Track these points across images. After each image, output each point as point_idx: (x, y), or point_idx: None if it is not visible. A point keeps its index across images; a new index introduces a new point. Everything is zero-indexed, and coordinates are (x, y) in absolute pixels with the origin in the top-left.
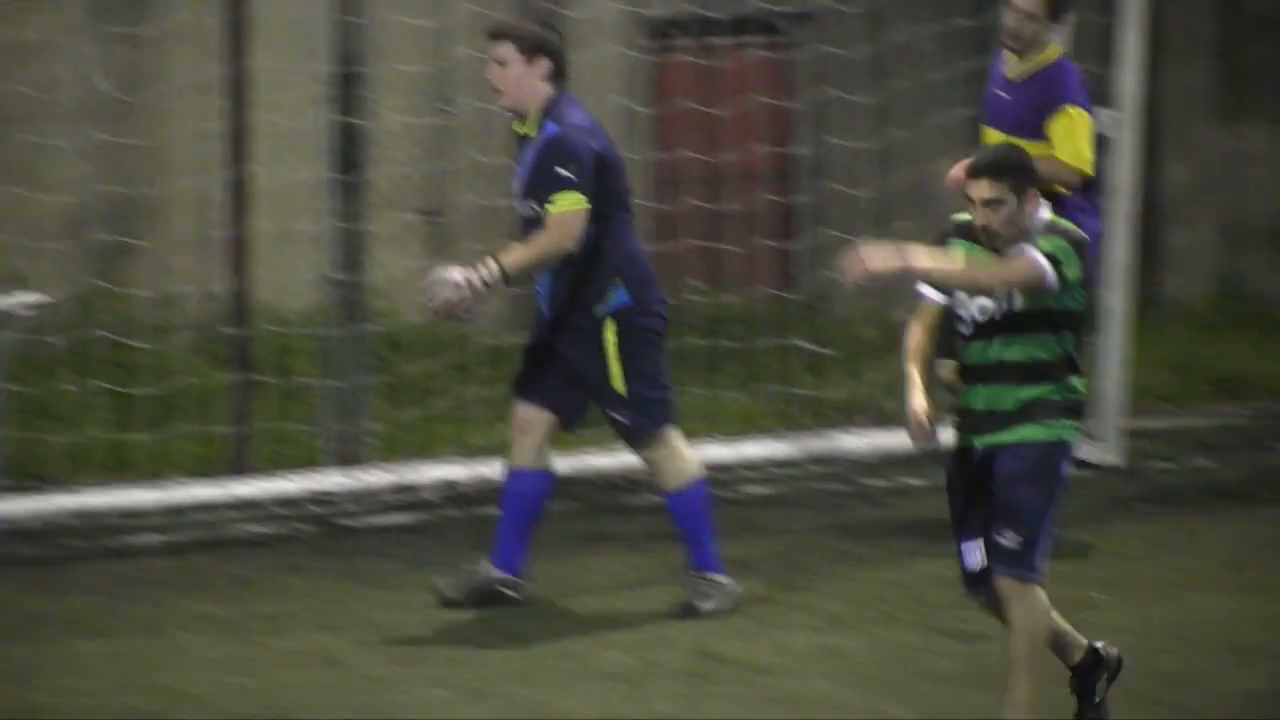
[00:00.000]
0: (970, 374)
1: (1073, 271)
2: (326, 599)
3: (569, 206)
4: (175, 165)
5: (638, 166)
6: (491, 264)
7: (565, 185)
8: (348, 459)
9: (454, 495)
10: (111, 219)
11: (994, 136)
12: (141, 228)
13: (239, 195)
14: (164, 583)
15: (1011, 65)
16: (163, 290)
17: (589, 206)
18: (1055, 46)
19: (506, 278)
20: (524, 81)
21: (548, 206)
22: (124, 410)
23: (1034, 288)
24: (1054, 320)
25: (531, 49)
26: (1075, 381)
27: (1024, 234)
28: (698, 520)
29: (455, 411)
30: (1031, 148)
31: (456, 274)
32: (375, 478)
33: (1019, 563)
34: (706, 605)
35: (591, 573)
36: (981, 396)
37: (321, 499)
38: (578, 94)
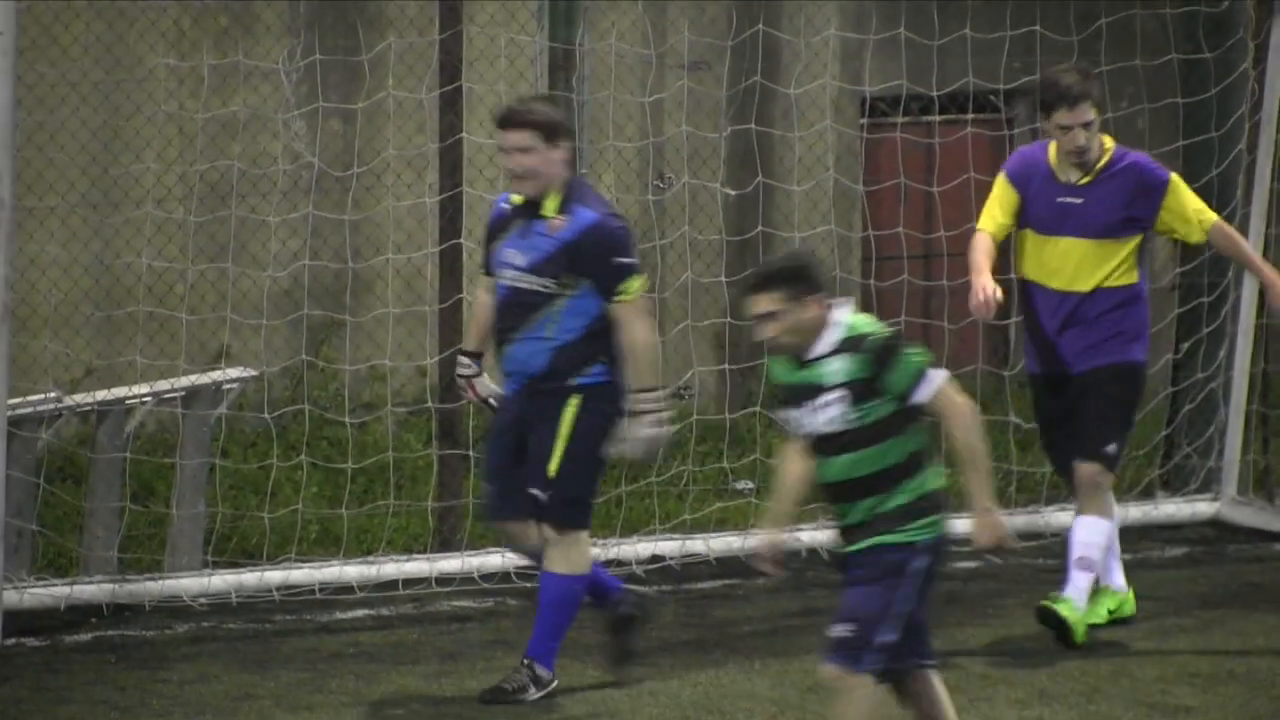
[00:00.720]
0: (827, 489)
1: (895, 379)
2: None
3: (639, 292)
4: (387, 240)
5: (852, 243)
6: (643, 394)
7: (632, 272)
8: None
9: (663, 570)
10: (322, 293)
11: (1064, 244)
12: (352, 302)
13: (451, 270)
14: (371, 657)
15: (1066, 169)
16: (372, 364)
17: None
18: (1108, 140)
19: (656, 387)
20: (551, 168)
21: (621, 298)
22: (332, 485)
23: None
24: (895, 423)
25: (552, 131)
26: (925, 479)
27: (812, 341)
28: (562, 614)
29: (666, 487)
30: (1106, 248)
31: (642, 428)
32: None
33: (844, 652)
34: (519, 692)
35: (797, 645)
36: (842, 510)
37: (529, 573)
38: (794, 171)
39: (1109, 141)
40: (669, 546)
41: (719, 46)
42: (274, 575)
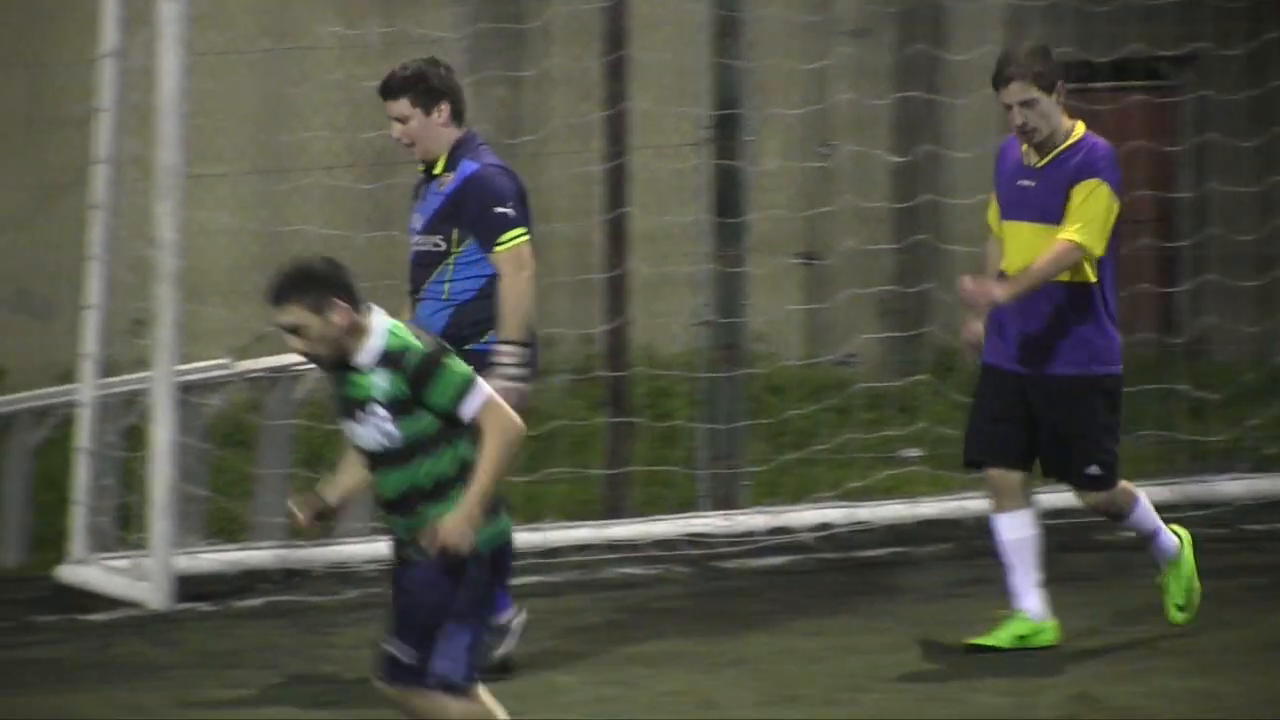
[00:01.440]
0: (382, 503)
1: (437, 396)
2: (701, 640)
3: (516, 242)
4: (554, 208)
5: None
6: (504, 349)
7: (510, 223)
8: (724, 501)
9: (829, 538)
10: None
11: (1015, 229)
12: None
13: (617, 238)
14: (539, 624)
15: (1030, 153)
16: (540, 332)
17: (530, 234)
18: (1079, 125)
19: (521, 343)
20: (431, 133)
21: (496, 248)
22: None
23: None
24: (444, 435)
25: (428, 95)
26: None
27: (352, 349)
28: None
29: (833, 454)
30: (1055, 234)
31: (499, 384)
32: (751, 520)
33: (402, 673)
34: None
35: (965, 615)
36: (397, 523)
37: (697, 540)
38: (957, 137)
39: (1079, 128)
40: (836, 514)
41: (884, 13)
42: None
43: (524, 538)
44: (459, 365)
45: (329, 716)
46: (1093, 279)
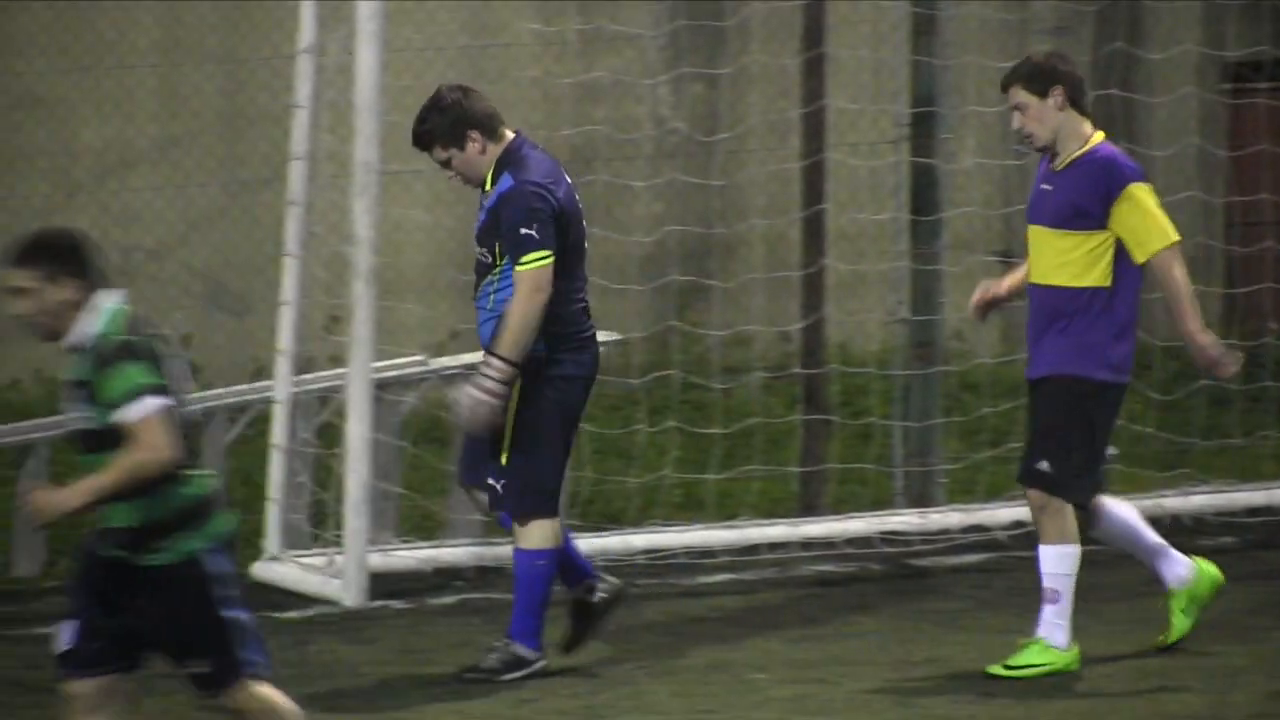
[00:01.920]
0: None
1: (106, 388)
2: (897, 639)
3: (535, 265)
4: (750, 205)
5: (1214, 209)
6: (493, 361)
7: (529, 245)
8: (919, 499)
9: (1024, 536)
10: (687, 259)
11: (1033, 233)
12: (716, 267)
13: (814, 235)
14: (734, 621)
15: (1055, 159)
16: (736, 329)
17: (553, 258)
18: (1097, 134)
19: (509, 361)
20: (471, 164)
21: (516, 268)
22: (697, 449)
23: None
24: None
25: (452, 135)
26: (183, 488)
27: (67, 328)
28: (533, 591)
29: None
30: (1064, 239)
31: (472, 391)
32: (946, 518)
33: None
34: (494, 673)
35: (1159, 613)
36: (103, 515)
37: (893, 538)
38: (1154, 135)
39: (1097, 136)
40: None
41: (1082, 11)
42: (637, 539)
43: (720, 535)
44: (141, 372)
45: (525, 714)
46: (1105, 284)
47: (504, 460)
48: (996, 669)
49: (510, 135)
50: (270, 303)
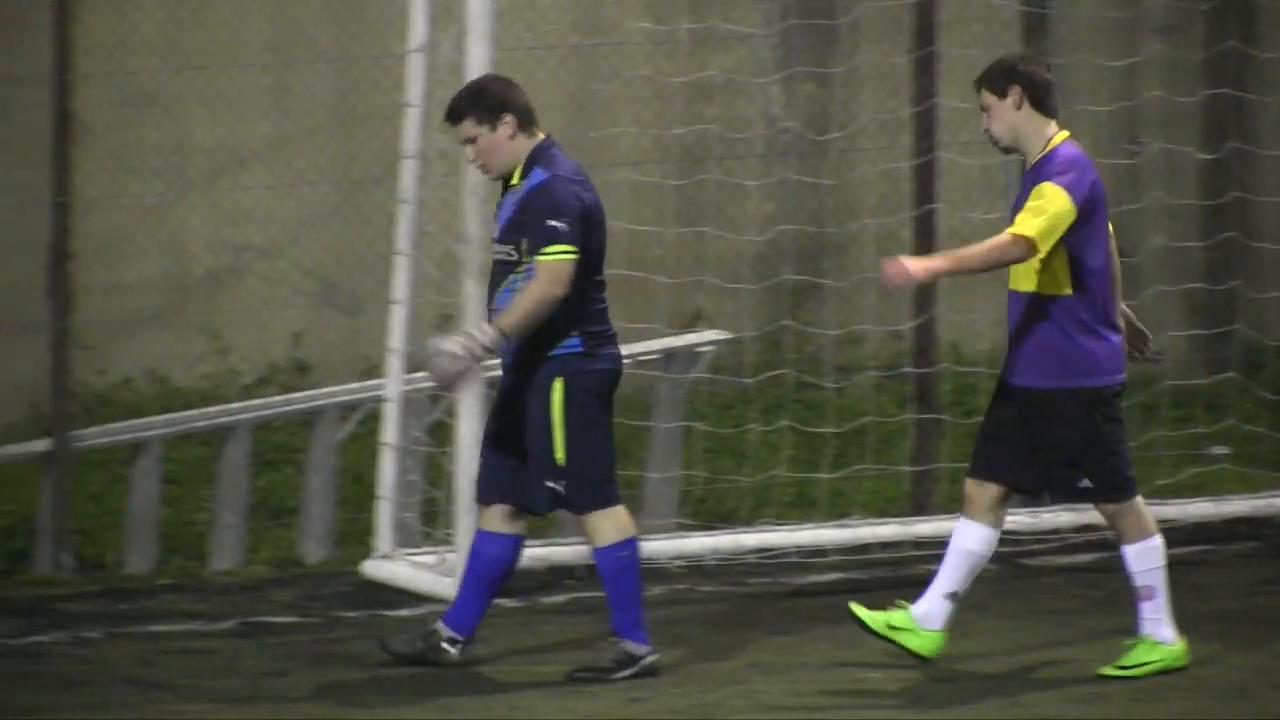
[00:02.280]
0: None
1: None
2: (1008, 638)
3: (559, 258)
4: (862, 204)
5: None
6: (487, 328)
7: (557, 237)
8: (1031, 499)
9: None
10: (799, 258)
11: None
12: (828, 266)
13: (925, 234)
14: (845, 620)
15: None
16: (848, 328)
17: (578, 256)
18: (1060, 134)
19: (506, 337)
20: (498, 148)
21: (538, 258)
22: (809, 448)
23: None
24: None
25: (487, 112)
26: None
27: None
28: (627, 583)
29: (1140, 452)
30: None
31: (454, 344)
32: (1059, 517)
33: None
34: (608, 671)
35: (1272, 613)
36: None
37: (1005, 538)
38: (1265, 136)
39: (1059, 137)
40: None
41: (1194, 9)
42: (749, 538)
43: (831, 534)
44: None
45: (636, 713)
46: (1067, 291)
47: (561, 460)
48: (1109, 670)
49: (541, 136)
50: (382, 301)
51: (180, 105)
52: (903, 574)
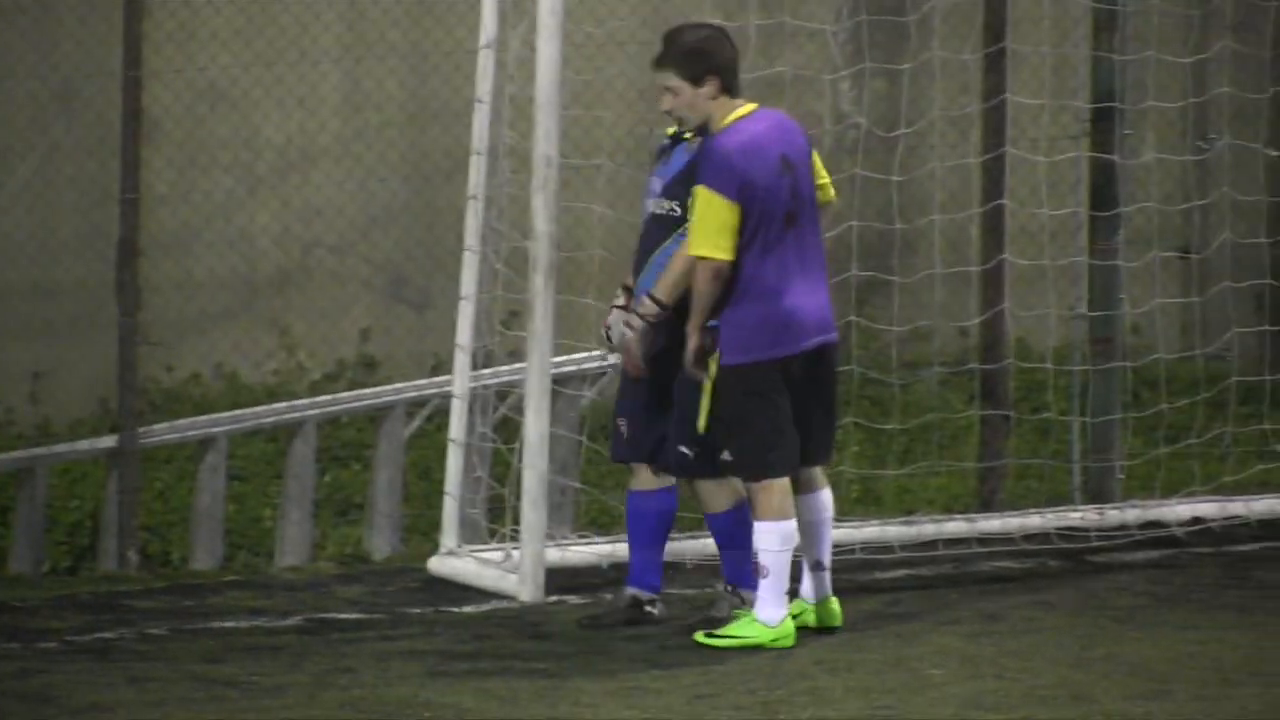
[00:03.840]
0: None
1: None
2: (1075, 635)
3: None
4: (930, 200)
5: None
6: (646, 301)
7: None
8: (1099, 495)
9: (1202, 532)
10: (866, 254)
11: None
12: (895, 262)
13: (993, 230)
14: (911, 617)
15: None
16: (915, 325)
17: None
18: (723, 120)
19: (664, 305)
20: (696, 104)
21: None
22: (875, 444)
23: None
24: None
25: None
26: None
27: None
28: (737, 538)
29: (1207, 448)
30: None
31: (625, 321)
32: (1125, 514)
33: None
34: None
35: None
36: None
37: (1071, 534)
38: None
39: (725, 121)
40: (1209, 509)
41: (1265, 6)
42: None
43: (897, 531)
44: None
45: (702, 710)
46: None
47: (702, 432)
48: (700, 636)
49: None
50: (450, 297)
51: (250, 101)
52: (968, 570)
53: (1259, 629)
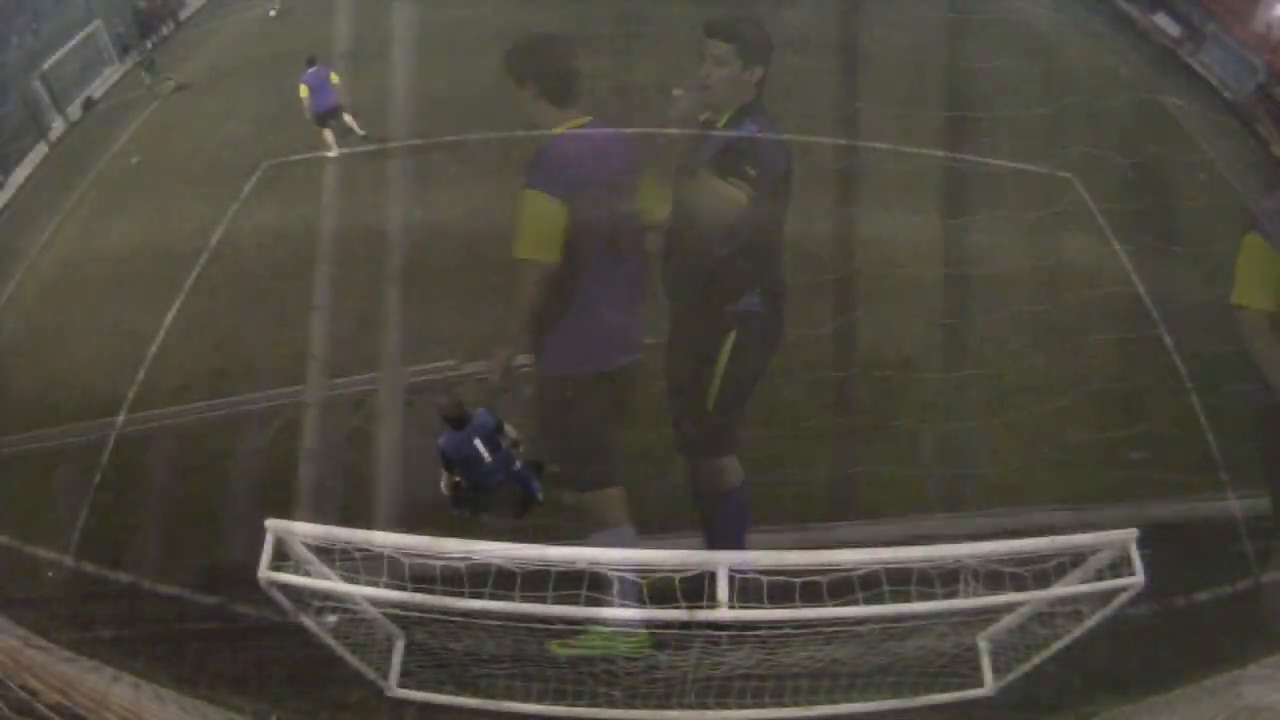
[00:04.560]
0: None
1: None
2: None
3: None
4: None
5: None
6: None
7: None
8: None
9: None
10: None
11: None
12: None
13: None
14: None
15: None
16: None
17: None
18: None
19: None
20: (738, 86)
21: None
22: None
23: None
24: None
25: (751, 55)
26: None
27: None
28: (729, 523)
29: None
30: None
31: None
32: None
33: None
34: None
35: None
36: None
37: None
38: None
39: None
40: None
41: None
42: None
43: None
44: None
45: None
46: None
47: (711, 411)
48: (557, 646)
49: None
50: None
51: None
52: None
53: None
